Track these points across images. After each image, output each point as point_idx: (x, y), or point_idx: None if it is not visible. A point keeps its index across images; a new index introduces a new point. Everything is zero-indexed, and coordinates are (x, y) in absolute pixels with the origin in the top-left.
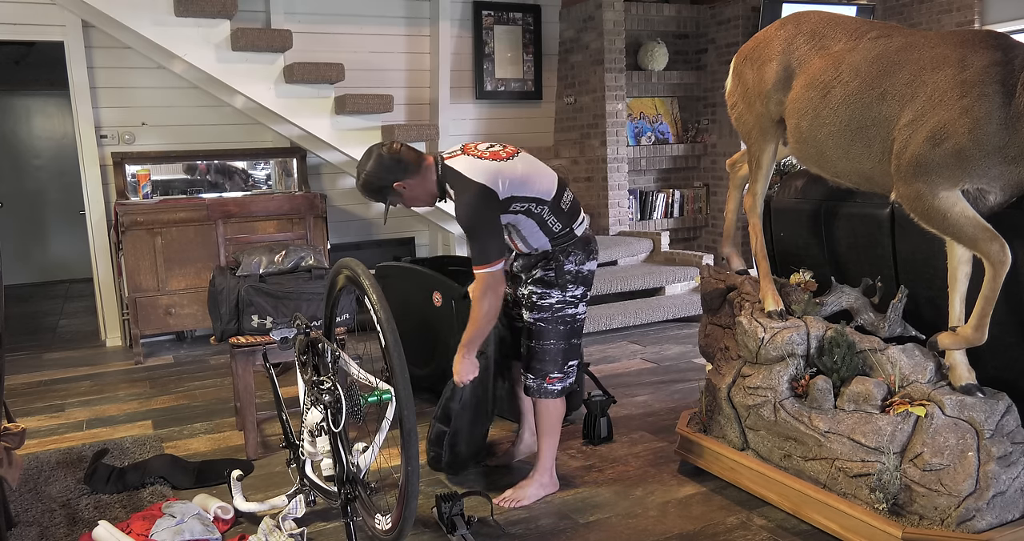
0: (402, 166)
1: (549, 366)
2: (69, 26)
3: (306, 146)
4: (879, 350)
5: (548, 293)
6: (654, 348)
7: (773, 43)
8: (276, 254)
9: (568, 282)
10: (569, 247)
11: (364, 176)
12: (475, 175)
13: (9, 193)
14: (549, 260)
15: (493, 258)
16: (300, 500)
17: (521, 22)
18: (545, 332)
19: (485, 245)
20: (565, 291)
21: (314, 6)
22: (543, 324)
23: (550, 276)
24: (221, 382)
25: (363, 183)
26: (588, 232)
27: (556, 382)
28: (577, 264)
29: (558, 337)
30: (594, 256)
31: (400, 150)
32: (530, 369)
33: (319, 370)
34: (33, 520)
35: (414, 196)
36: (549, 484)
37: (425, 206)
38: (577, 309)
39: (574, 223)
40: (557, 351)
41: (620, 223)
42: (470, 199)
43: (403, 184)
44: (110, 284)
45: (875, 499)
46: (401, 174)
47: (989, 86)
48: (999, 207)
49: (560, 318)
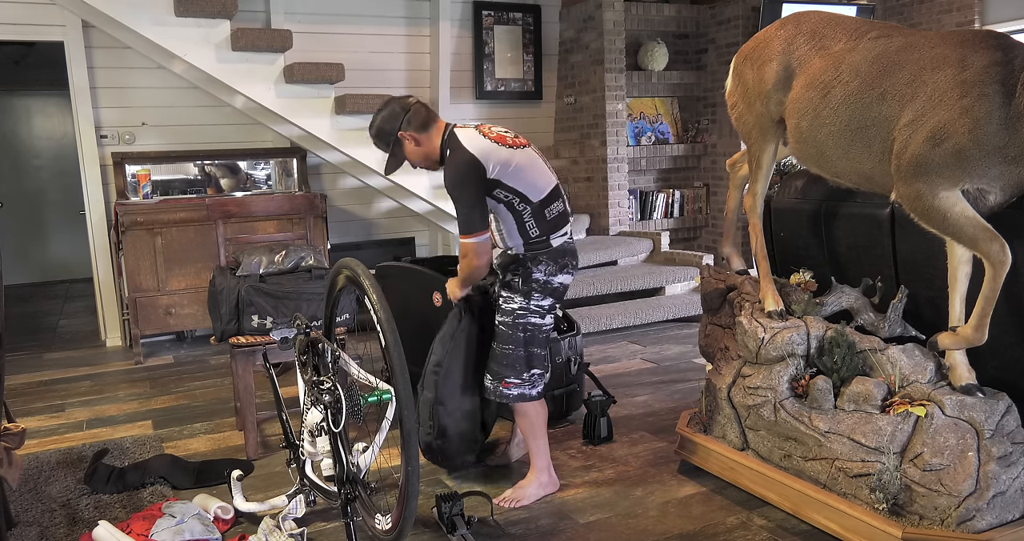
0: (411, 118)
1: (506, 370)
2: (69, 26)
3: (306, 146)
4: (879, 350)
5: (512, 298)
6: (654, 348)
7: (773, 43)
8: (276, 254)
9: (534, 291)
10: (540, 255)
11: (376, 120)
12: (471, 146)
13: (9, 193)
14: (519, 266)
15: (476, 228)
16: (300, 500)
17: (521, 22)
18: (504, 336)
19: (469, 215)
20: (530, 299)
21: (314, 6)
22: (504, 328)
23: (516, 282)
24: (221, 382)
25: (375, 128)
26: (568, 246)
27: (512, 387)
28: (546, 274)
29: (516, 344)
30: (568, 270)
31: (414, 105)
32: (489, 371)
33: (319, 370)
34: (33, 520)
35: (415, 151)
36: (548, 483)
37: (425, 167)
38: (543, 320)
39: (553, 234)
40: (515, 357)
41: (620, 223)
42: (458, 165)
43: (408, 136)
44: (110, 284)
45: (875, 499)
46: (407, 125)
47: (989, 86)
48: (999, 207)
49: (521, 325)
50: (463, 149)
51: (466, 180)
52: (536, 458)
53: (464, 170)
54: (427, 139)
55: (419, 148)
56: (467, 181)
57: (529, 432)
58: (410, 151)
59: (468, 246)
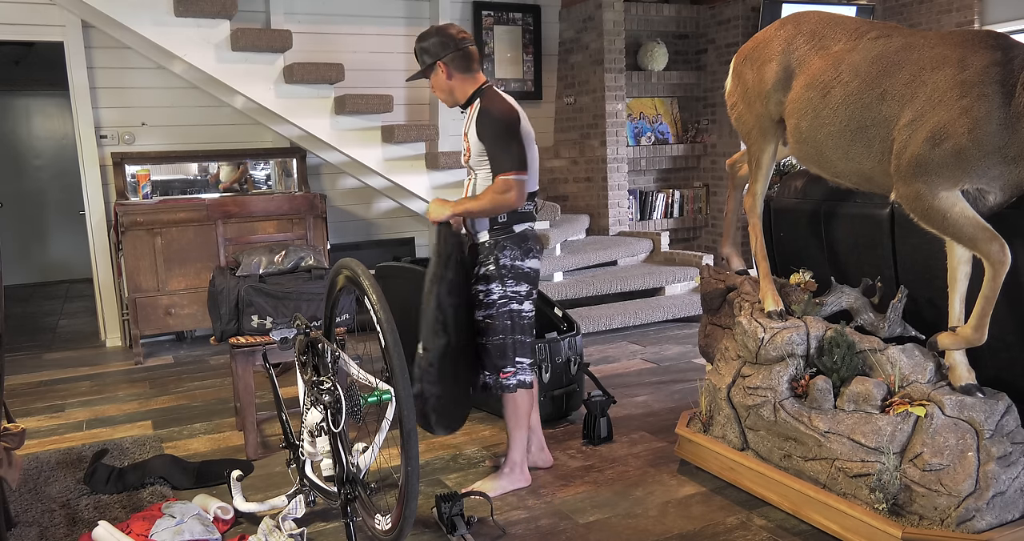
0: (457, 56)
1: (501, 361)
2: (69, 26)
3: (306, 146)
4: (879, 350)
5: (490, 289)
6: (654, 348)
7: (773, 43)
8: (276, 254)
9: (506, 277)
10: (504, 242)
11: (430, 37)
12: (513, 103)
13: (9, 193)
14: (487, 255)
15: (522, 166)
16: (300, 500)
17: (521, 22)
18: (493, 328)
19: (519, 153)
20: (505, 285)
21: (314, 6)
22: (490, 320)
23: (490, 270)
24: (221, 382)
25: (425, 43)
26: (528, 231)
27: (510, 376)
28: (513, 260)
29: (505, 332)
30: (534, 255)
31: (468, 47)
32: (485, 366)
33: (319, 370)
34: (33, 520)
35: (443, 82)
36: (520, 478)
37: (441, 98)
38: (522, 306)
39: (517, 223)
40: (506, 345)
41: (620, 223)
42: (505, 110)
43: (446, 67)
44: (110, 284)
45: (875, 499)
46: (450, 60)
47: (989, 86)
48: (999, 207)
49: (505, 313)
50: (506, 101)
51: (512, 123)
52: (513, 450)
53: (511, 115)
54: (460, 80)
55: (449, 82)
56: (513, 124)
57: (514, 423)
58: (438, 79)
59: (515, 183)
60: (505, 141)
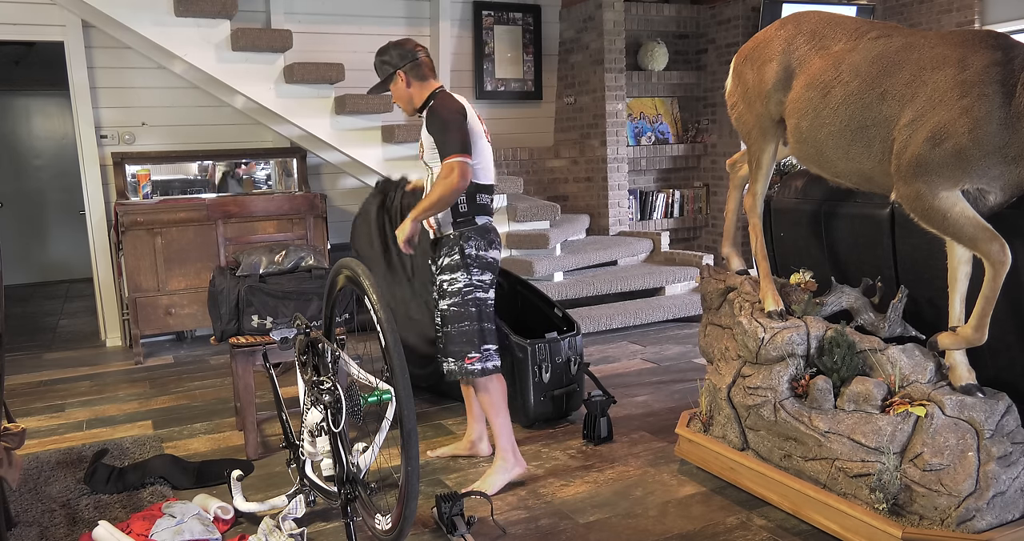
0: (414, 66)
1: (466, 347)
2: (69, 26)
3: (306, 146)
4: (879, 350)
5: (455, 278)
6: (654, 348)
7: (773, 43)
8: (276, 254)
9: (471, 266)
10: (468, 232)
11: (388, 50)
12: (461, 100)
13: (9, 193)
14: (452, 246)
15: (468, 150)
16: (300, 500)
17: (521, 22)
18: (458, 315)
19: (462, 137)
20: (471, 274)
21: (314, 6)
22: (456, 308)
23: (455, 259)
24: (221, 382)
25: (385, 55)
26: (489, 224)
27: (475, 361)
28: (478, 250)
29: (471, 319)
30: (496, 246)
31: (423, 58)
32: (449, 354)
33: (319, 370)
34: (33, 520)
35: (402, 91)
36: (513, 465)
37: (402, 107)
38: (487, 295)
39: (478, 215)
40: (472, 332)
41: (620, 223)
42: (450, 105)
43: (405, 75)
44: (110, 284)
45: (875, 499)
46: (408, 69)
47: (989, 86)
48: (999, 207)
49: (471, 300)
50: (455, 99)
51: (455, 114)
52: (500, 438)
53: (456, 108)
54: (417, 87)
55: (408, 90)
56: (456, 115)
57: (491, 410)
58: (398, 88)
59: (456, 163)
60: (448, 129)
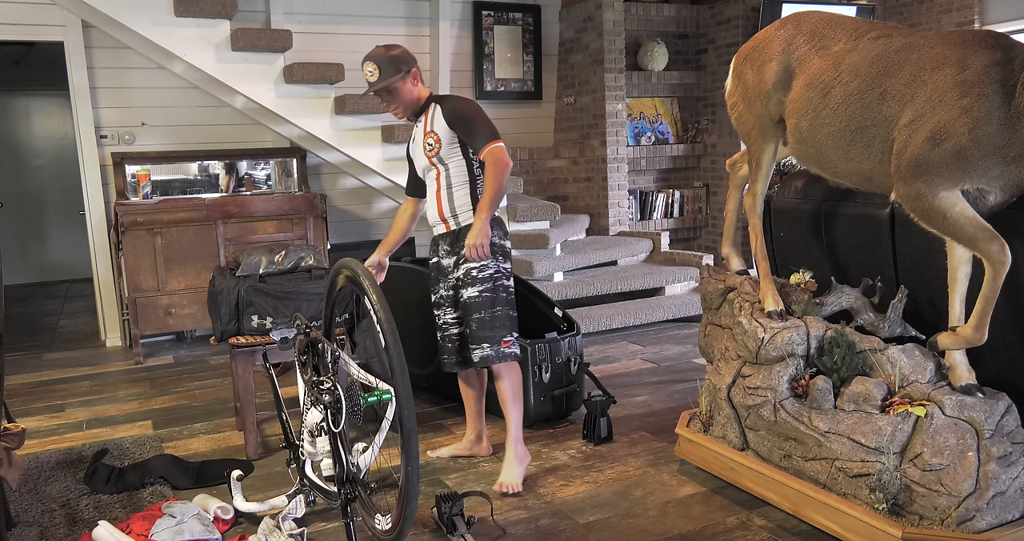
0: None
1: (501, 331)
2: (69, 26)
3: (306, 146)
4: (879, 350)
5: (485, 265)
6: (654, 348)
7: (773, 43)
8: (276, 254)
9: (497, 253)
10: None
11: (396, 51)
12: None
13: (9, 193)
14: None
15: (498, 135)
16: (300, 500)
17: (521, 22)
18: (491, 300)
19: (492, 124)
20: (497, 260)
21: (314, 6)
22: (488, 294)
23: None
24: (221, 382)
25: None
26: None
27: (511, 345)
28: (499, 238)
29: (503, 304)
30: (507, 236)
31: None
32: (484, 340)
33: (319, 370)
34: (33, 520)
35: (409, 91)
36: (524, 455)
37: (402, 106)
38: (509, 282)
39: None
40: (505, 316)
41: (620, 223)
42: (466, 99)
43: (412, 78)
44: (110, 284)
45: (875, 499)
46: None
47: (989, 86)
48: (999, 207)
49: (501, 287)
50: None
51: (477, 105)
52: (516, 428)
53: (471, 100)
54: (420, 89)
55: (412, 90)
56: (478, 106)
57: (512, 397)
58: (407, 87)
59: (497, 149)
60: (475, 119)
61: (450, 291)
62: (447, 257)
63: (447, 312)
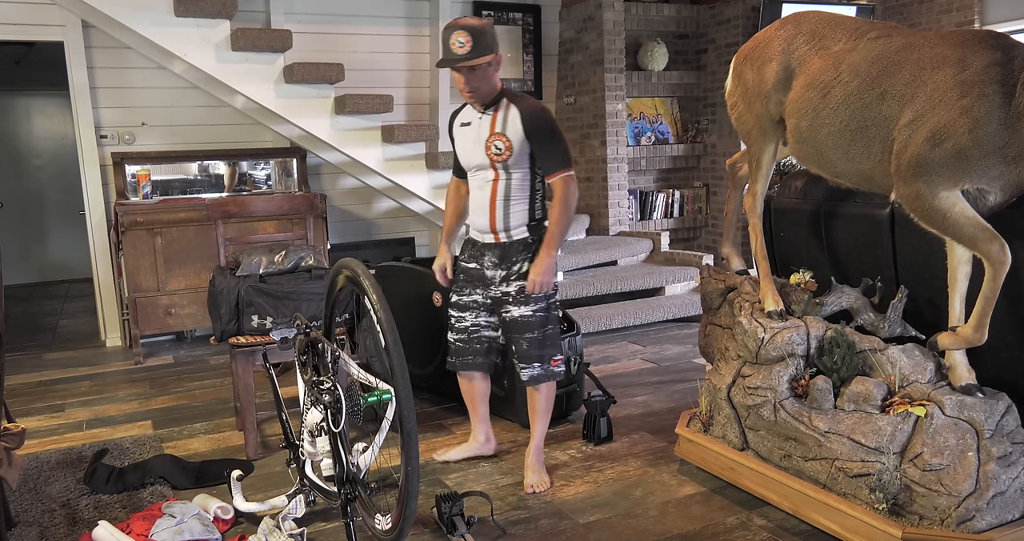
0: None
1: (552, 349)
2: (69, 26)
3: (306, 146)
4: (879, 350)
5: None
6: (654, 348)
7: (773, 43)
8: (276, 254)
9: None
10: (541, 237)
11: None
12: None
13: (9, 193)
14: (527, 251)
15: (571, 162)
16: (300, 500)
17: (521, 22)
18: (544, 319)
19: (567, 147)
20: None
21: (314, 6)
22: (542, 313)
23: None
24: (221, 382)
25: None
26: None
27: (560, 363)
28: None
29: (554, 322)
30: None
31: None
32: (535, 359)
33: (319, 370)
34: (33, 520)
35: (489, 75)
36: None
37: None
38: (554, 299)
39: (545, 220)
40: (555, 335)
41: (620, 223)
42: (546, 108)
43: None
44: (110, 284)
45: (875, 499)
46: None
47: (989, 86)
48: (999, 207)
49: (552, 306)
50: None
51: (558, 124)
52: (539, 437)
53: (548, 109)
54: (497, 78)
55: (494, 76)
56: (558, 124)
57: (546, 409)
58: (487, 71)
59: (570, 179)
60: (559, 139)
61: (489, 300)
62: (493, 269)
63: (478, 315)
